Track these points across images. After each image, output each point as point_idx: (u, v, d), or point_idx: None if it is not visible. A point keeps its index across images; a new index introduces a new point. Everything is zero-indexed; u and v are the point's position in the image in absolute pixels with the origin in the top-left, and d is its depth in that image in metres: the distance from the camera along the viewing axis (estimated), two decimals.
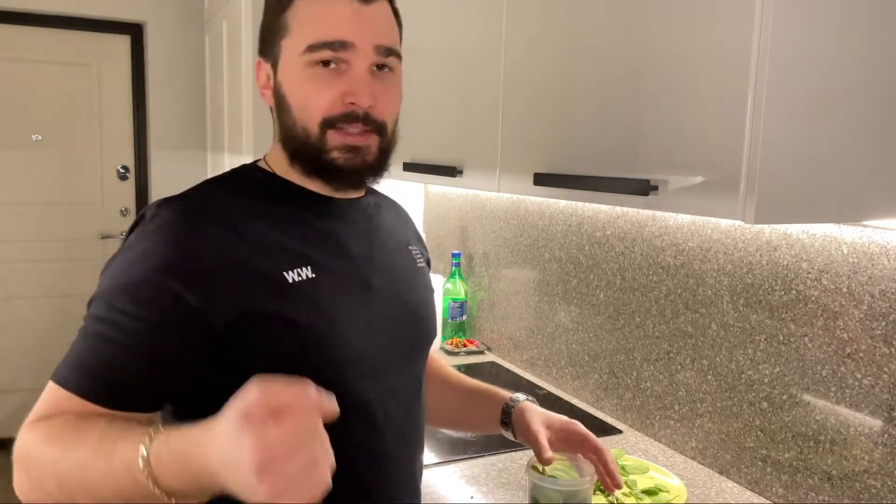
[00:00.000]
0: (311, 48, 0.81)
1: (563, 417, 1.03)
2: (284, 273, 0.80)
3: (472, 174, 1.46)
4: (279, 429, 0.56)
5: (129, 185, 3.64)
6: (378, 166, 0.88)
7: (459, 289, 2.17)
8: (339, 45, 0.81)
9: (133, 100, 3.59)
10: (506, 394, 1.09)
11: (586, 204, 1.69)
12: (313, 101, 0.82)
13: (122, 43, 3.55)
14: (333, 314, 0.84)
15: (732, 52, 0.86)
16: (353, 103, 0.82)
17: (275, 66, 0.86)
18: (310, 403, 0.59)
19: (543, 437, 0.99)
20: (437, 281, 2.11)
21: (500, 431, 1.07)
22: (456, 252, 2.18)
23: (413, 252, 1.03)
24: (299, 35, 0.82)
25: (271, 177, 0.89)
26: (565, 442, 1.01)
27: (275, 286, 0.79)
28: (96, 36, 3.49)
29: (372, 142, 0.85)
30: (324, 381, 0.71)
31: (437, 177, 1.55)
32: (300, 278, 0.81)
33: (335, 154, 0.83)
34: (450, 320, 2.17)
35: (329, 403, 0.61)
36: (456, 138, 1.53)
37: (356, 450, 0.85)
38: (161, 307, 0.74)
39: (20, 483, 0.71)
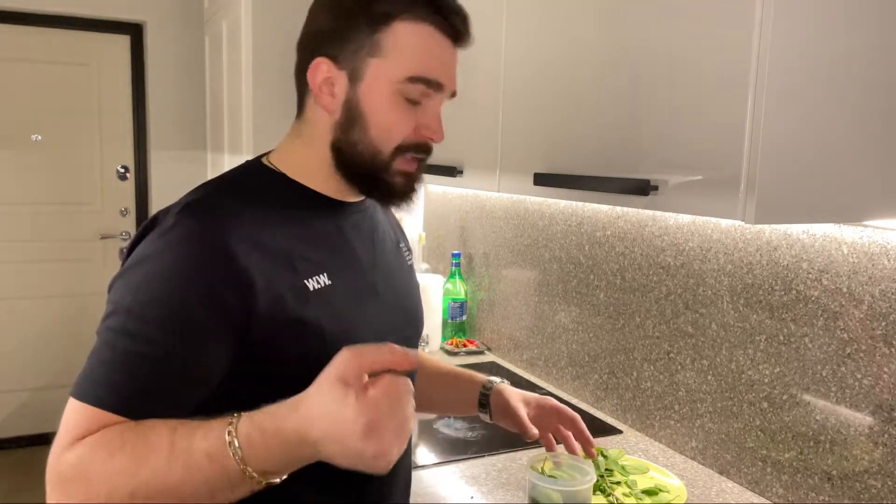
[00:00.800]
0: (412, 80, 0.82)
1: (536, 394, 1.11)
2: (305, 281, 0.82)
3: (472, 174, 1.46)
4: (379, 390, 0.61)
5: (129, 185, 3.64)
6: (417, 189, 0.91)
7: (459, 289, 2.17)
8: (435, 85, 0.84)
9: (133, 100, 3.59)
10: (482, 377, 1.14)
11: (586, 204, 1.69)
12: (397, 126, 0.84)
13: (122, 43, 3.55)
14: (349, 319, 0.86)
15: (732, 52, 0.86)
16: (429, 137, 0.87)
17: (353, 79, 0.84)
18: (402, 362, 0.64)
19: (524, 413, 1.06)
20: (437, 281, 2.11)
21: (477, 413, 1.12)
22: (456, 252, 2.18)
23: (403, 250, 1.07)
24: (399, 62, 0.82)
25: (280, 178, 0.88)
26: (542, 416, 1.08)
27: (298, 294, 0.81)
28: (96, 36, 3.49)
29: (420, 168, 0.89)
30: None
31: (437, 177, 1.55)
32: (319, 285, 0.83)
33: (397, 178, 0.86)
34: (450, 320, 2.17)
35: (412, 356, 0.65)
36: (456, 138, 1.53)
37: None
38: (196, 320, 0.74)
39: (75, 501, 0.68)
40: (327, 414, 0.62)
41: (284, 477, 0.69)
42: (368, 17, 0.82)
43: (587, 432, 1.07)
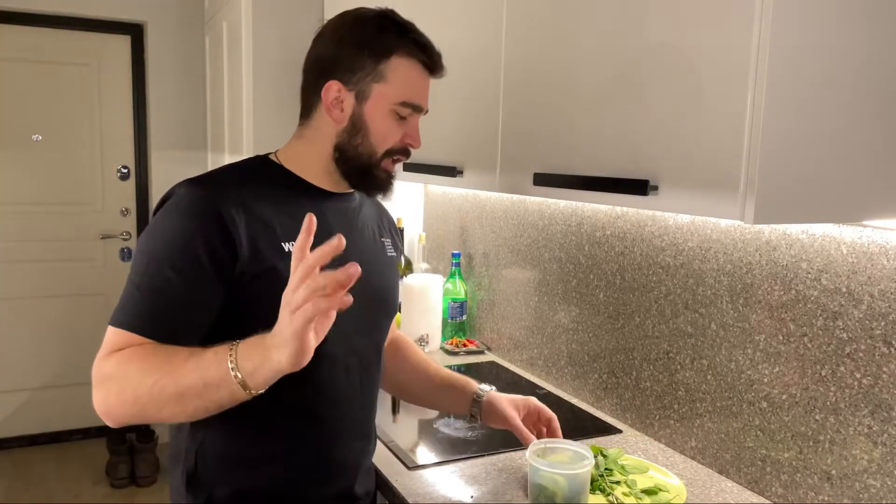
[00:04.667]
0: (403, 104, 1.08)
1: (521, 396, 1.30)
2: (283, 243, 1.03)
3: (472, 174, 1.46)
4: (290, 282, 0.82)
5: (130, 185, 3.65)
6: (394, 182, 1.15)
7: (459, 289, 2.17)
8: (418, 108, 1.10)
9: (133, 100, 3.59)
10: (473, 386, 1.32)
11: (586, 204, 1.69)
12: (390, 136, 1.09)
13: (122, 43, 3.55)
14: None
15: (732, 52, 0.86)
16: (410, 144, 1.12)
17: (360, 98, 1.07)
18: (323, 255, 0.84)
19: (518, 421, 1.25)
20: (437, 281, 2.11)
21: (466, 416, 1.32)
22: (456, 252, 2.18)
23: (385, 243, 1.26)
24: (395, 89, 1.07)
25: (278, 169, 1.12)
26: (527, 416, 1.28)
27: (275, 251, 1.02)
28: (96, 36, 3.49)
29: (397, 166, 1.14)
30: None
31: (437, 177, 1.55)
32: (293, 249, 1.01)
33: (381, 174, 1.11)
34: (450, 320, 2.17)
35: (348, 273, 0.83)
36: (456, 138, 1.53)
37: (320, 392, 1.10)
38: (198, 262, 0.97)
39: (107, 400, 0.93)
40: (281, 323, 0.83)
41: (259, 392, 0.88)
42: (372, 50, 1.06)
43: (559, 432, 1.27)
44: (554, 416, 1.28)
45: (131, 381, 0.91)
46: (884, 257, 1.06)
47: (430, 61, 1.10)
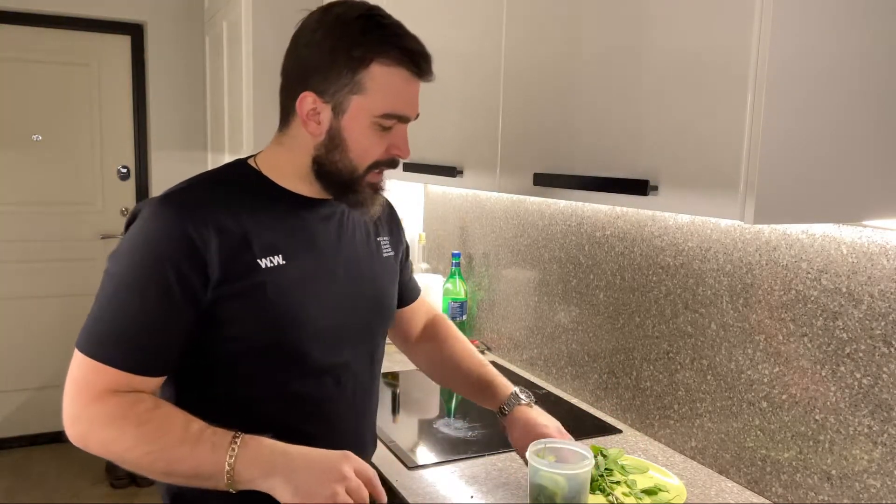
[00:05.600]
0: (386, 116, 0.99)
1: (542, 423, 1.19)
2: (259, 260, 0.98)
3: (472, 174, 1.46)
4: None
5: (130, 185, 3.65)
6: (382, 193, 1.08)
7: (459, 289, 2.17)
8: (404, 119, 1.01)
9: (133, 100, 3.59)
10: (505, 392, 1.24)
11: (586, 204, 1.69)
12: (372, 150, 1.00)
13: (122, 43, 3.55)
14: (298, 295, 1.01)
15: (732, 52, 0.86)
16: (398, 155, 1.03)
17: (337, 111, 0.99)
18: (379, 494, 0.91)
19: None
20: (437, 281, 2.11)
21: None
22: (456, 252, 2.18)
23: (381, 242, 1.20)
24: (375, 100, 0.97)
25: (257, 176, 1.05)
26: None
27: (250, 269, 0.97)
28: (96, 36, 3.49)
29: (383, 177, 1.06)
30: (287, 352, 1.00)
31: (437, 177, 1.55)
32: (272, 264, 0.99)
33: (367, 190, 1.03)
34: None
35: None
36: (456, 138, 1.53)
37: (310, 409, 1.05)
38: (167, 285, 0.91)
39: (87, 440, 0.93)
40: (310, 474, 0.87)
41: (234, 491, 0.88)
42: (349, 59, 0.96)
43: None
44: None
45: (121, 442, 0.90)
46: (884, 257, 1.06)
47: (416, 67, 0.99)
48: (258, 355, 0.99)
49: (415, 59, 0.98)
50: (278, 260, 0.99)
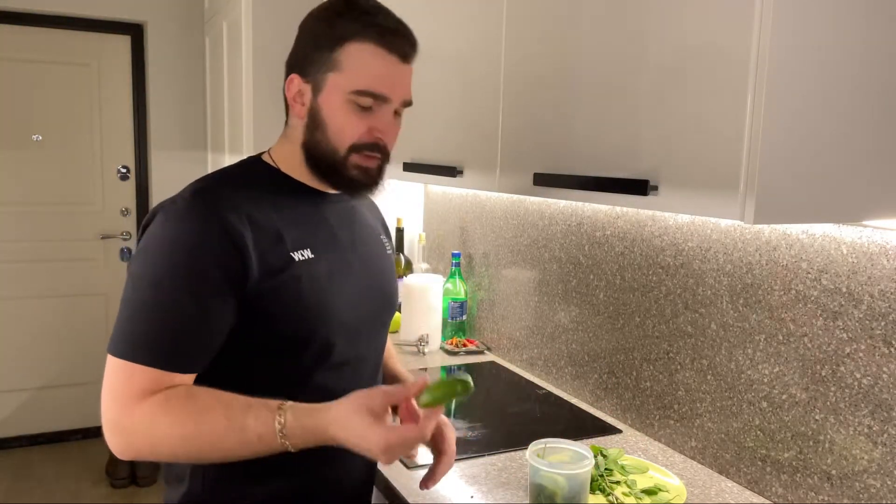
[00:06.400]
0: (359, 93, 0.98)
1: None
2: (292, 253, 0.99)
3: (472, 174, 1.46)
4: (400, 432, 0.85)
5: (130, 185, 3.65)
6: (379, 181, 1.07)
7: (459, 289, 2.17)
8: (381, 98, 1.00)
9: (133, 100, 3.59)
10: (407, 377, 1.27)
11: (586, 204, 1.69)
12: (349, 129, 1.00)
13: (122, 43, 3.55)
14: (326, 288, 1.03)
15: (732, 51, 0.86)
16: (379, 138, 1.02)
17: (315, 90, 1.01)
18: (412, 394, 0.90)
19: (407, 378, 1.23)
20: (437, 281, 2.11)
21: None
22: (456, 252, 2.18)
23: (383, 241, 1.23)
24: (349, 77, 0.98)
25: (274, 171, 1.07)
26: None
27: (285, 262, 0.98)
28: (96, 36, 3.49)
29: (379, 163, 1.05)
30: (317, 344, 1.02)
31: (437, 177, 1.55)
32: (303, 258, 1.00)
33: (354, 172, 1.02)
34: (450, 320, 2.17)
35: (419, 383, 0.91)
36: (456, 138, 1.53)
37: (331, 398, 1.03)
38: (210, 279, 0.91)
39: (132, 447, 0.90)
40: (355, 430, 0.85)
41: (294, 449, 0.89)
42: (328, 39, 0.99)
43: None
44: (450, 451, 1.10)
45: (168, 441, 0.88)
46: (884, 257, 1.06)
47: (393, 45, 0.99)
48: (289, 348, 1.00)
49: (387, 36, 0.98)
50: (307, 254, 1.01)
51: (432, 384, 0.91)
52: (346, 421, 0.86)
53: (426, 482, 1.06)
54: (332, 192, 1.09)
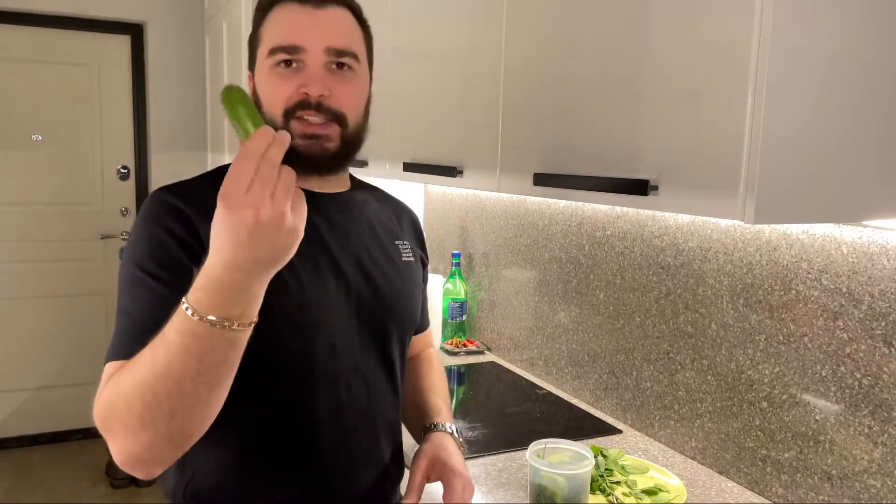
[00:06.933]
0: (272, 52, 0.93)
1: (449, 463, 1.03)
2: None
3: (472, 174, 1.46)
4: (235, 166, 0.70)
5: (130, 185, 3.65)
6: (341, 154, 0.97)
7: (459, 289, 2.17)
8: (293, 49, 0.92)
9: (133, 100, 3.59)
10: (433, 418, 1.12)
11: (586, 204, 1.69)
12: (276, 94, 0.93)
13: (122, 43, 3.55)
14: (302, 295, 0.93)
15: (732, 51, 0.86)
16: (306, 93, 0.92)
17: (252, 71, 0.99)
18: (259, 141, 0.72)
19: (419, 475, 1.03)
20: (437, 281, 2.11)
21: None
22: (456, 252, 2.18)
23: (400, 246, 1.10)
24: (265, 42, 0.95)
25: None
26: (434, 473, 1.05)
27: None
28: (96, 36, 3.49)
29: (332, 131, 0.94)
30: (292, 356, 0.92)
31: (437, 177, 1.55)
32: None
33: (298, 142, 0.91)
34: (450, 320, 2.17)
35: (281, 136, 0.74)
36: (456, 138, 1.53)
37: (318, 421, 0.96)
38: (176, 258, 0.86)
39: (118, 438, 0.76)
40: (224, 228, 0.70)
41: (254, 320, 0.74)
42: (255, 22, 0.98)
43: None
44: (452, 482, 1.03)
45: (121, 404, 0.76)
46: (884, 257, 1.06)
47: None
48: (264, 364, 0.88)
49: None
50: None
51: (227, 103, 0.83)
52: (219, 233, 0.71)
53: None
54: (328, 191, 1.02)
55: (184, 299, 0.73)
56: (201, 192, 0.89)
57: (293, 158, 0.88)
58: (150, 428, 0.74)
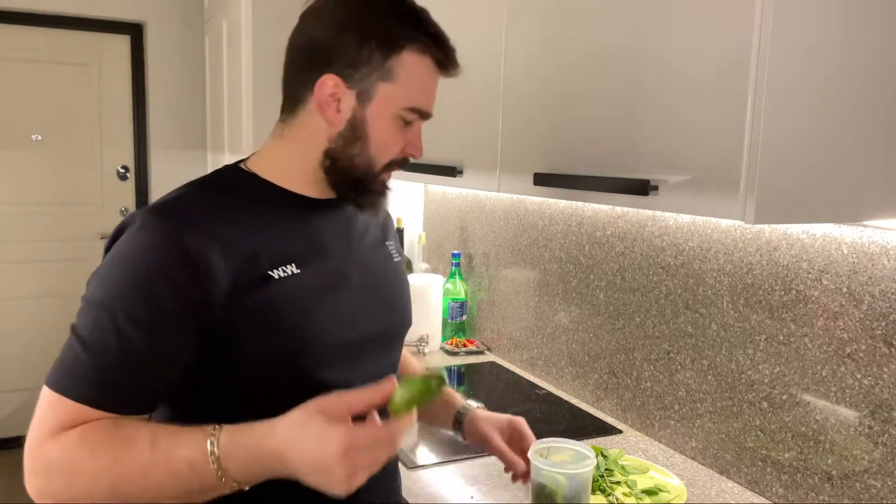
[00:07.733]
0: (412, 110, 0.91)
1: (507, 417, 1.14)
2: (270, 272, 0.86)
3: (472, 174, 1.46)
4: (364, 430, 0.72)
5: (129, 185, 3.64)
6: (388, 196, 1.00)
7: (459, 289, 2.17)
8: (426, 115, 0.94)
9: (133, 100, 3.59)
10: (458, 401, 1.18)
11: (586, 204, 1.69)
12: (391, 146, 0.92)
13: (122, 43, 3.55)
14: (316, 306, 0.91)
15: (732, 51, 0.86)
16: (412, 154, 0.96)
17: (362, 99, 0.89)
18: (378, 399, 0.76)
19: (500, 442, 1.10)
20: (437, 281, 2.11)
21: (452, 432, 1.18)
22: (456, 252, 2.18)
23: (389, 248, 1.10)
24: (405, 92, 0.90)
25: (252, 179, 0.93)
26: (513, 439, 1.12)
27: (260, 283, 0.85)
28: (96, 36, 3.49)
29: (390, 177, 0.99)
30: (306, 368, 0.89)
31: (437, 177, 1.55)
32: (285, 274, 0.88)
33: (378, 188, 0.95)
34: (450, 320, 2.17)
35: (385, 389, 0.77)
36: (456, 138, 1.53)
37: None
38: (163, 310, 0.80)
39: (49, 491, 0.79)
40: (307, 437, 0.72)
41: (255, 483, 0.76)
42: (381, 42, 0.87)
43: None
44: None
45: (84, 480, 0.76)
46: (884, 257, 1.06)
47: (446, 59, 0.91)
48: (265, 378, 0.87)
49: (445, 50, 0.91)
50: (291, 269, 0.88)
51: (403, 383, 0.78)
52: (296, 430, 0.72)
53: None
54: (321, 197, 0.96)
55: (211, 439, 0.74)
56: (200, 215, 0.85)
57: (370, 197, 0.96)
58: (91, 502, 0.76)
